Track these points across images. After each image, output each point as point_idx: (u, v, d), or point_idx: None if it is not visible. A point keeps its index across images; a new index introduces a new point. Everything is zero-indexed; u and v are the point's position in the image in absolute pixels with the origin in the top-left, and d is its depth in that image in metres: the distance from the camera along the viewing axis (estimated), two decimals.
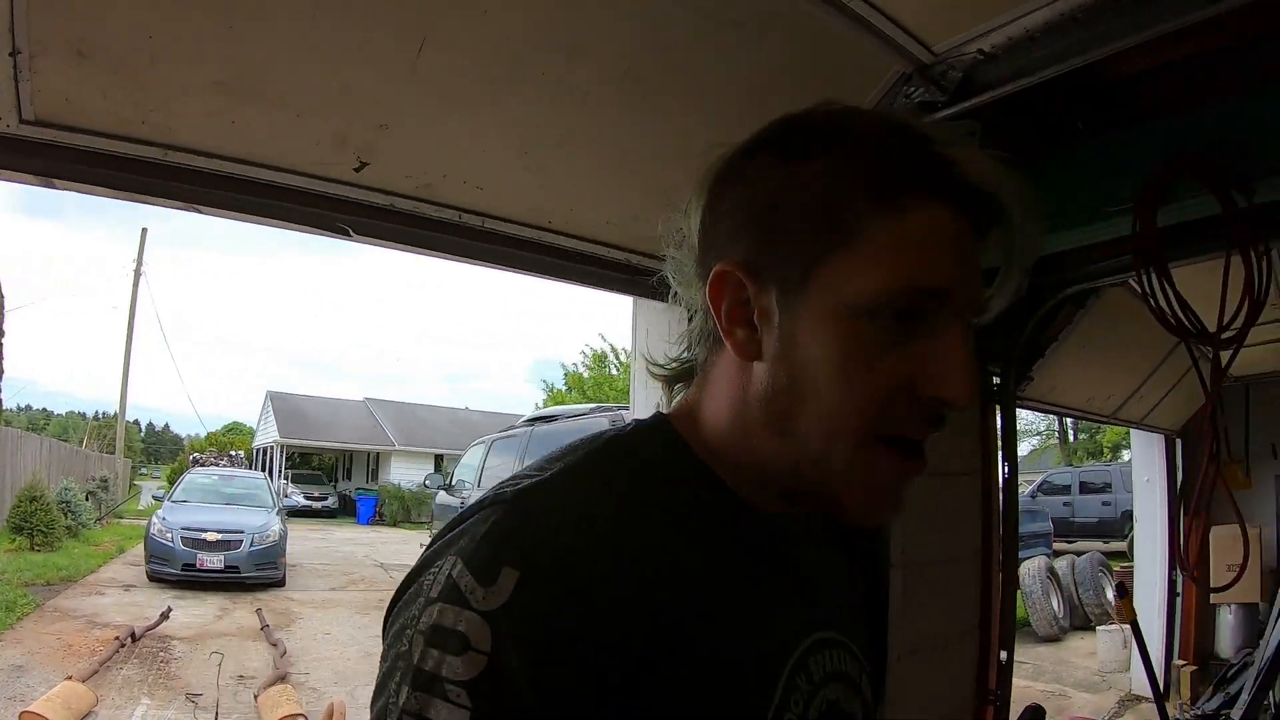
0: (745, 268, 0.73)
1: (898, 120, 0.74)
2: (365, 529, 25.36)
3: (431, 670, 0.61)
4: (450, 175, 1.56)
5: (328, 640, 9.48)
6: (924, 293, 0.67)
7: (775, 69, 1.49)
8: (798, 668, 0.76)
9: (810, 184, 0.70)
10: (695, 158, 1.61)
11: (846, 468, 0.71)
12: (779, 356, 0.72)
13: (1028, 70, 1.52)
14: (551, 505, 0.68)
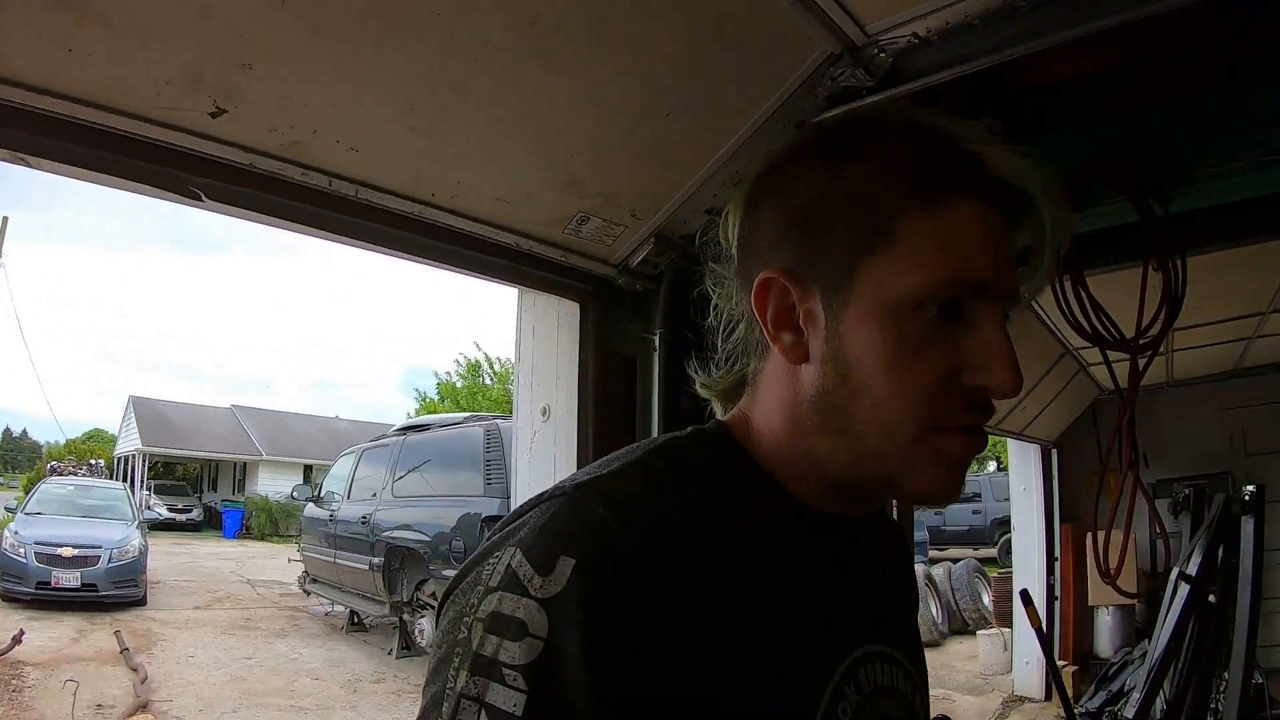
0: (789, 273, 0.76)
1: (928, 121, 0.76)
2: (231, 543, 24.37)
3: (490, 655, 0.63)
4: (322, 132, 1.32)
5: (192, 664, 9.00)
6: (965, 285, 0.71)
7: (703, 33, 1.35)
8: (847, 676, 0.77)
9: (849, 187, 0.74)
10: (603, 127, 1.47)
11: (908, 457, 0.73)
12: (828, 357, 0.75)
13: (960, 59, 1.43)
14: (608, 498, 0.69)
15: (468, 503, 8.47)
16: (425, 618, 9.07)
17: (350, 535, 10.21)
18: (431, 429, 10.47)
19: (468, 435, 9.29)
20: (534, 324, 2.01)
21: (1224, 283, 1.82)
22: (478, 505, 8.30)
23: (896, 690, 0.82)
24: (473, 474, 8.66)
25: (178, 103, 1.19)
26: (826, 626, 0.78)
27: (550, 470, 1.91)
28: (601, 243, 1.80)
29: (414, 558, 9.09)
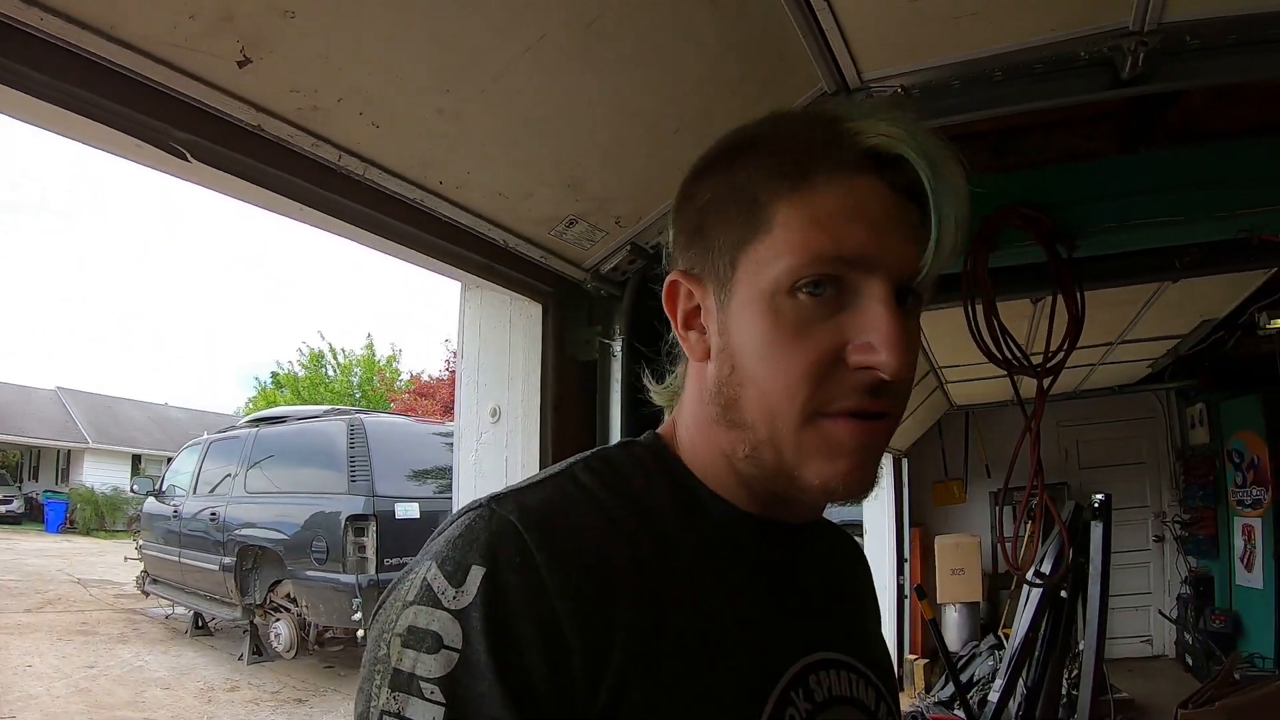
0: (688, 274, 0.79)
1: (815, 109, 0.79)
2: (55, 538, 22.21)
3: (408, 670, 0.63)
4: (346, 101, 1.23)
5: (30, 674, 8.22)
6: (837, 261, 0.70)
7: (727, 55, 1.46)
8: (794, 684, 0.75)
9: (733, 184, 0.75)
10: (615, 134, 1.57)
11: (797, 445, 0.72)
12: (720, 349, 0.76)
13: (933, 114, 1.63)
14: (523, 507, 0.69)
15: (329, 500, 8.17)
16: (280, 621, 8.63)
17: (197, 533, 9.56)
18: (288, 421, 9.95)
19: (329, 429, 8.95)
20: (480, 322, 1.99)
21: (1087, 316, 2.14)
22: (340, 503, 8.02)
23: (856, 699, 0.81)
24: (334, 470, 8.34)
25: (197, 43, 1.04)
26: (768, 632, 0.76)
27: (501, 472, 1.90)
28: (581, 246, 1.84)
29: (268, 557, 8.64)
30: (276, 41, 1.09)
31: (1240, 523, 6.94)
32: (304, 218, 1.41)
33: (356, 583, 7.65)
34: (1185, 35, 1.54)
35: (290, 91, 1.18)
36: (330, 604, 7.91)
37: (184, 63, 1.07)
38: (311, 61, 1.16)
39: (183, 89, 1.09)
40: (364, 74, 1.22)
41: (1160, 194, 1.89)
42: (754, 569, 0.79)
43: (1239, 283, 3.64)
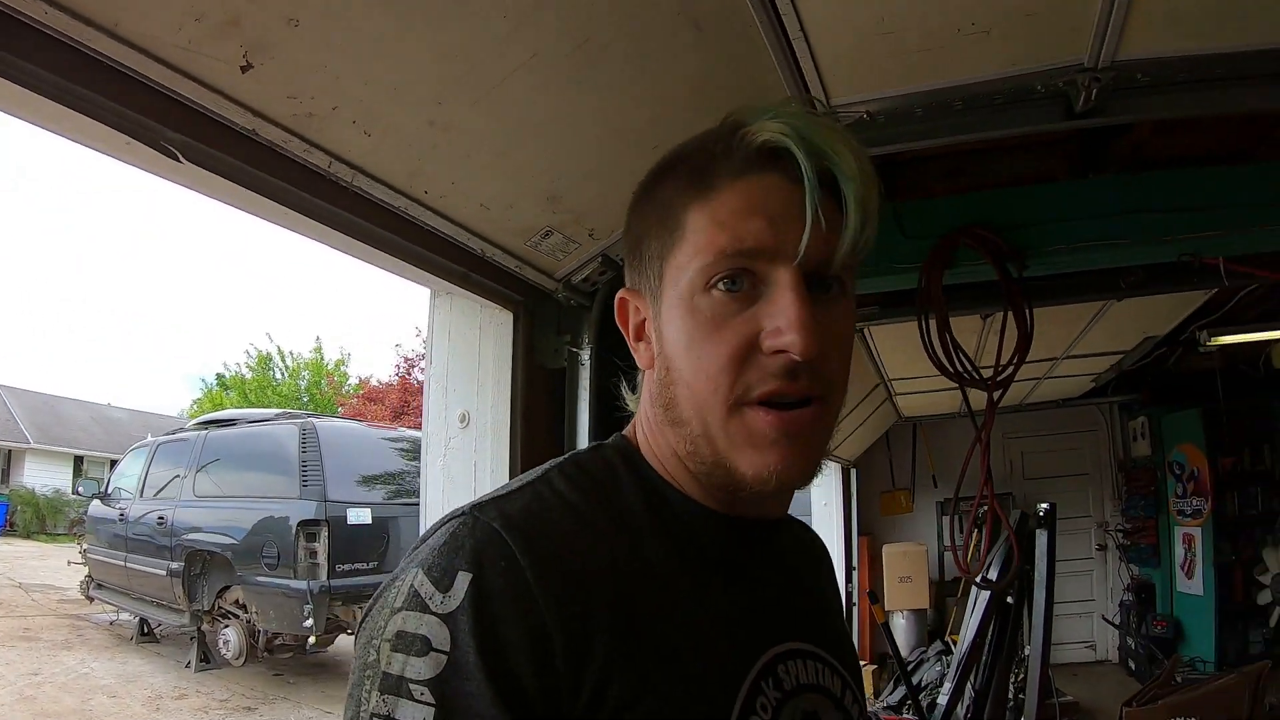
0: (631, 290, 0.86)
1: (726, 119, 0.80)
2: None
3: (397, 673, 0.65)
4: (341, 109, 1.27)
5: None
6: (740, 255, 0.74)
7: (707, 78, 1.52)
8: (764, 673, 0.78)
9: (657, 201, 0.81)
10: (598, 149, 1.63)
11: (726, 436, 0.76)
12: (658, 355, 0.81)
13: (894, 139, 1.73)
14: (504, 514, 0.72)
15: (280, 504, 8.02)
16: (229, 628, 8.45)
17: (144, 537, 9.30)
18: (238, 424, 9.74)
19: (280, 433, 8.77)
20: (449, 328, 2.01)
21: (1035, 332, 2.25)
22: (292, 508, 7.89)
23: (823, 687, 0.84)
24: (286, 474, 8.20)
25: (201, 45, 1.06)
26: (738, 624, 0.79)
27: (470, 477, 1.93)
28: (554, 257, 1.89)
29: (217, 563, 8.45)
30: (279, 48, 1.12)
31: (1181, 532, 7.21)
32: (288, 223, 1.43)
33: (308, 589, 7.54)
34: (1136, 73, 1.64)
35: (288, 98, 1.21)
36: (280, 610, 7.78)
37: (185, 64, 1.08)
38: (311, 69, 1.18)
39: (181, 90, 1.11)
40: (361, 83, 1.25)
41: (1107, 218, 2.01)
42: (722, 565, 0.82)
43: (1181, 302, 3.81)
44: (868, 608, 7.35)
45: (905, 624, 7.51)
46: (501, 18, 1.25)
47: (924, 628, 7.56)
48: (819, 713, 0.82)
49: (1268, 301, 4.35)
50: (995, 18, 1.50)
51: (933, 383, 4.91)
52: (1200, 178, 2.08)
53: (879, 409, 6.44)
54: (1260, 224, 2.00)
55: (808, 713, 0.81)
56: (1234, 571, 6.82)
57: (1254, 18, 1.54)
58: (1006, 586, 2.99)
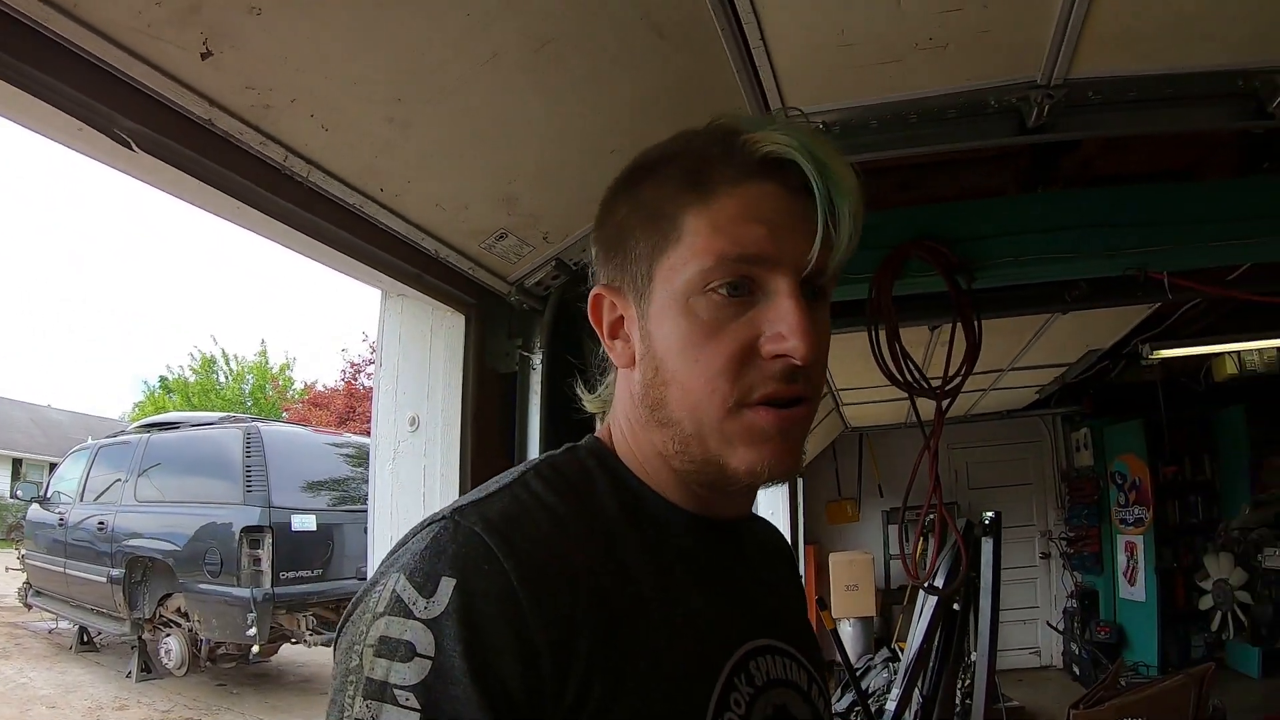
0: (609, 287, 0.85)
1: (715, 125, 0.82)
2: None
3: (381, 679, 0.65)
4: (300, 102, 1.24)
5: None
6: (741, 261, 0.75)
7: (666, 85, 1.53)
8: (737, 669, 0.80)
9: (646, 200, 0.81)
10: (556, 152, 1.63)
11: (722, 435, 0.77)
12: (644, 354, 0.81)
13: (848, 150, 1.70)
14: (485, 518, 0.72)
15: (223, 510, 7.86)
16: (171, 636, 8.22)
17: (84, 543, 9.03)
18: (181, 428, 9.52)
19: (224, 437, 8.60)
20: (400, 330, 1.98)
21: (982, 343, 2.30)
22: (235, 513, 7.73)
23: (792, 682, 0.86)
24: (229, 480, 8.03)
25: (161, 31, 1.03)
26: (711, 622, 0.80)
27: (419, 481, 1.90)
28: (508, 260, 1.87)
29: (158, 569, 8.22)
30: (240, 37, 1.10)
31: (1123, 540, 7.42)
32: (242, 218, 1.39)
33: (251, 597, 7.39)
34: (1088, 90, 1.69)
35: (246, 88, 1.19)
36: (223, 619, 7.61)
37: (143, 49, 1.05)
38: (271, 60, 1.16)
39: (138, 76, 1.07)
40: (320, 76, 1.23)
41: (1055, 232, 2.05)
42: (694, 564, 0.83)
43: (1124, 316, 3.91)
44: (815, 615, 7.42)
45: (852, 631, 7.61)
46: (464, 16, 1.24)
47: (870, 635, 7.66)
48: (789, 706, 0.84)
49: (1208, 317, 4.49)
50: (952, 34, 1.52)
51: (880, 393, 4.97)
52: (1147, 194, 2.14)
53: (826, 419, 6.51)
54: (1204, 240, 2.06)
55: (778, 707, 0.83)
56: (1176, 578, 7.05)
57: (1201, 40, 1.60)
58: (954, 593, 3.03)
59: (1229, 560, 5.92)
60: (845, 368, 4.51)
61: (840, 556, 7.93)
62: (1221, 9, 1.52)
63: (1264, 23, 1.56)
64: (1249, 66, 1.67)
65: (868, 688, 5.00)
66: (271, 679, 9.19)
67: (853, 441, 8.38)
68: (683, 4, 1.36)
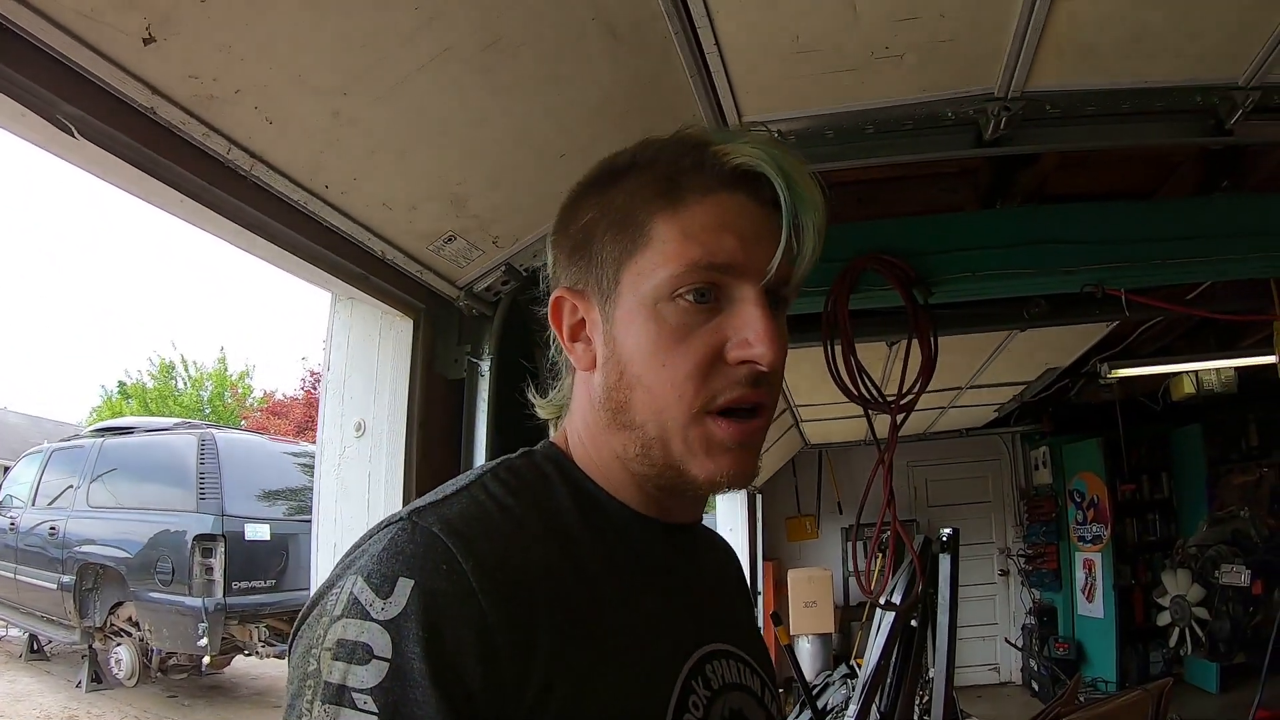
0: (573, 290, 0.84)
1: (683, 135, 0.83)
2: None
3: (339, 682, 0.64)
4: (244, 93, 1.21)
5: None
6: (710, 269, 0.76)
7: (620, 90, 1.51)
8: (694, 673, 0.80)
9: (613, 205, 0.81)
10: (505, 153, 1.60)
11: (684, 441, 0.78)
12: (608, 358, 0.81)
13: None
14: (444, 519, 0.71)
15: (176, 518, 7.68)
16: (122, 646, 8.01)
17: (35, 549, 8.75)
18: (136, 433, 9.30)
19: (178, 444, 8.41)
20: (349, 334, 1.96)
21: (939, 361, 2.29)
22: (188, 521, 7.56)
23: (746, 686, 0.86)
24: (183, 487, 7.86)
25: (103, 14, 1.01)
26: (668, 626, 0.81)
27: (364, 487, 1.87)
28: (457, 263, 1.85)
29: (110, 577, 8.01)
30: (183, 24, 1.08)
31: (1081, 557, 7.50)
32: (184, 211, 1.36)
33: (203, 606, 7.21)
34: (1046, 104, 1.70)
35: (189, 77, 1.16)
36: (175, 629, 7.43)
37: (86, 33, 1.03)
38: (215, 49, 1.14)
39: (80, 60, 1.05)
40: (265, 68, 1.21)
41: (1012, 248, 2.06)
42: (650, 567, 0.84)
43: (1083, 334, 3.95)
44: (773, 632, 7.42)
45: (810, 648, 7.59)
46: (413, 9, 1.22)
47: (829, 652, 7.65)
48: (744, 710, 0.84)
49: (1167, 336, 4.55)
50: (909, 43, 1.53)
51: (839, 409, 4.98)
52: (1105, 211, 2.16)
53: (785, 435, 6.52)
54: (1162, 258, 2.08)
55: (734, 710, 0.83)
56: (1134, 594, 7.13)
57: (1160, 55, 1.61)
58: (910, 609, 3.02)
59: (1186, 577, 5.98)
60: (804, 383, 4.52)
61: (799, 573, 7.92)
62: (1180, 24, 1.54)
63: (1223, 38, 1.58)
64: (1208, 82, 1.70)
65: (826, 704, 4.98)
66: (224, 691, 8.99)
67: (812, 458, 8.39)
68: (637, 6, 1.35)
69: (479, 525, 0.72)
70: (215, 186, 1.33)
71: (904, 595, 3.14)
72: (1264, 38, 1.56)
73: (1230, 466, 6.89)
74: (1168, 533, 7.21)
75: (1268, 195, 2.28)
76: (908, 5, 1.44)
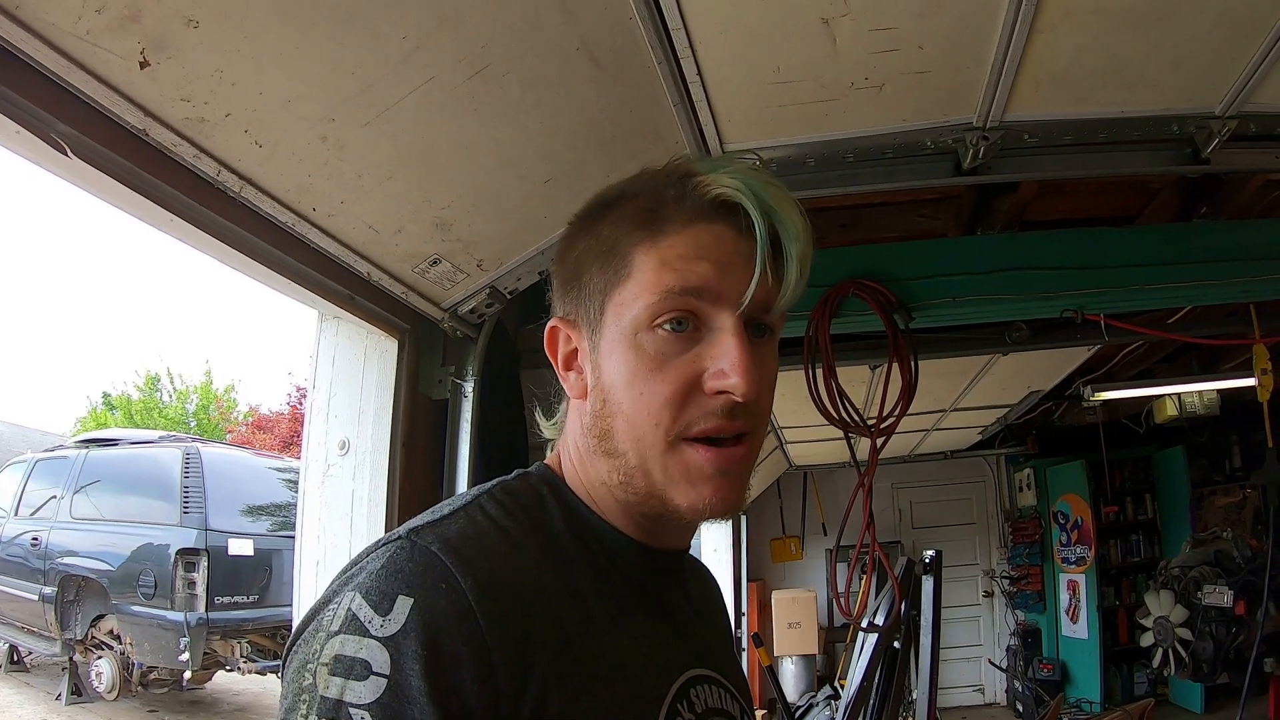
0: (566, 320, 0.86)
1: (673, 166, 0.84)
2: None
3: (336, 697, 0.63)
4: (235, 117, 1.24)
5: None
6: (684, 294, 0.77)
7: (604, 117, 1.53)
8: (679, 695, 0.80)
9: (600, 238, 0.83)
10: (490, 179, 1.63)
11: (663, 470, 0.79)
12: (594, 386, 0.83)
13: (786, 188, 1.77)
14: (442, 538, 0.72)
15: (160, 531, 7.61)
16: (102, 659, 7.90)
17: (17, 559, 8.63)
18: (120, 444, 9.21)
19: (163, 457, 8.33)
20: (334, 353, 1.96)
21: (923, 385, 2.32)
22: (171, 535, 7.49)
23: (726, 711, 0.86)
24: (166, 500, 7.79)
25: (99, 38, 1.03)
26: (656, 648, 0.81)
27: (347, 505, 1.86)
28: (442, 286, 1.86)
29: (92, 589, 7.91)
30: (177, 48, 1.10)
31: (1065, 579, 7.53)
32: (174, 230, 1.37)
33: (185, 621, 7.13)
34: (1024, 133, 1.73)
35: (181, 100, 1.18)
36: (156, 642, 7.34)
37: (82, 56, 1.05)
38: (207, 73, 1.16)
39: (75, 82, 1.07)
40: (256, 92, 1.23)
41: (993, 274, 2.09)
42: (640, 591, 0.84)
43: (1066, 358, 3.98)
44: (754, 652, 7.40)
45: (795, 669, 7.57)
46: (400, 38, 1.24)
47: (813, 673, 7.62)
48: None
49: (1148, 360, 4.59)
50: (888, 74, 1.55)
51: (822, 432, 5.00)
52: (1084, 238, 2.20)
53: (770, 456, 6.53)
54: (1140, 283, 2.11)
55: None
56: (1118, 615, 7.16)
57: (1136, 85, 1.64)
58: (891, 631, 3.04)
59: (1170, 598, 6.00)
60: (788, 405, 4.53)
61: (784, 594, 7.90)
62: (1156, 55, 1.57)
63: (1199, 68, 1.61)
64: (1184, 112, 1.73)
65: None
66: (205, 706, 8.90)
67: (797, 479, 8.40)
68: (620, 34, 1.37)
69: (477, 545, 0.73)
70: (205, 207, 1.34)
71: (886, 617, 3.14)
72: (1240, 67, 1.60)
73: (1213, 488, 6.95)
74: (1151, 554, 7.26)
75: (1245, 221, 2.33)
76: (887, 37, 1.47)
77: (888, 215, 2.28)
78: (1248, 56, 1.57)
